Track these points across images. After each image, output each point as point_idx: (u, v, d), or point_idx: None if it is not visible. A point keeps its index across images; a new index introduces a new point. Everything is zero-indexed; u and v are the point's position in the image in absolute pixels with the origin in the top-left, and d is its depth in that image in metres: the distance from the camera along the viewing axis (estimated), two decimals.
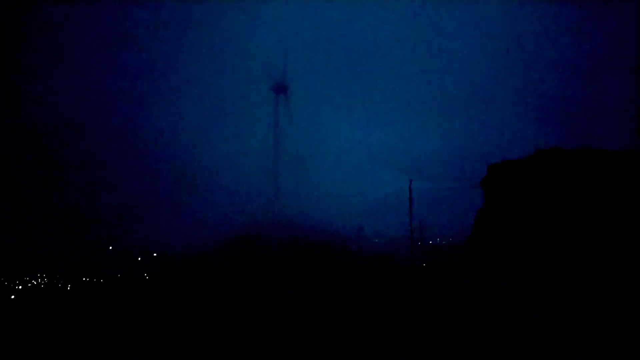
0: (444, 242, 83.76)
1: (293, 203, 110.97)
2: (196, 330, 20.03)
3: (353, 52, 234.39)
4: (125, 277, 50.49)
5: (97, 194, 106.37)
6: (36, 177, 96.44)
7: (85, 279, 53.30)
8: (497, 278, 21.68)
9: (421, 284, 28.10)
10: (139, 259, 67.06)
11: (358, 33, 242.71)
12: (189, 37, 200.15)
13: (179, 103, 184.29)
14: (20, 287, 51.26)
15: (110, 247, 74.65)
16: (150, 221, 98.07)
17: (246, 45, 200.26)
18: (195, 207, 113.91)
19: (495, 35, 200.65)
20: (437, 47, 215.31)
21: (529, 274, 20.29)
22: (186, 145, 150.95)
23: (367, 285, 26.14)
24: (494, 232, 25.05)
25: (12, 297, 43.55)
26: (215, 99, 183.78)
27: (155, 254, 66.93)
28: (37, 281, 54.83)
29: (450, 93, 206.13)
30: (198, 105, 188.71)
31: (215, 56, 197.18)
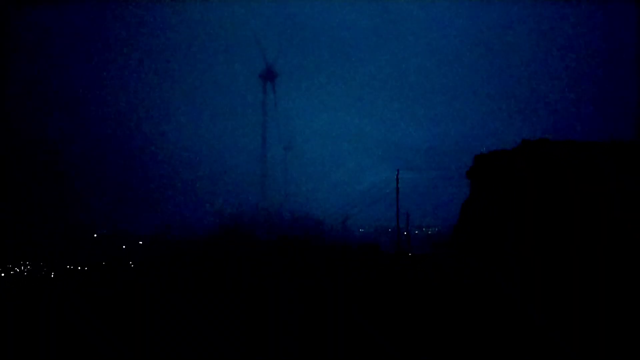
0: (430, 232, 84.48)
1: (279, 191, 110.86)
2: (184, 326, 20.05)
3: (342, 42, 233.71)
4: (111, 265, 50.08)
5: (84, 182, 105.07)
6: (25, 164, 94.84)
7: (70, 266, 52.66)
8: (484, 269, 21.98)
9: (408, 275, 28.38)
10: (124, 246, 66.54)
11: (348, 22, 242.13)
12: (175, 25, 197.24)
13: (165, 91, 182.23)
14: (2, 274, 50.56)
15: (95, 235, 73.92)
16: (136, 208, 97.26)
17: (234, 31, 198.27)
18: (179, 194, 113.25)
19: (484, 27, 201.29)
20: (425, 38, 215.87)
21: (515, 265, 20.61)
22: (172, 133, 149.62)
23: (356, 277, 26.36)
24: (479, 222, 25.37)
25: None
26: (202, 86, 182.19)
27: (141, 242, 66.44)
28: (19, 269, 54.07)
29: (437, 83, 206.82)
30: (184, 92, 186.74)
31: (202, 42, 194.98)
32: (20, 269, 54.23)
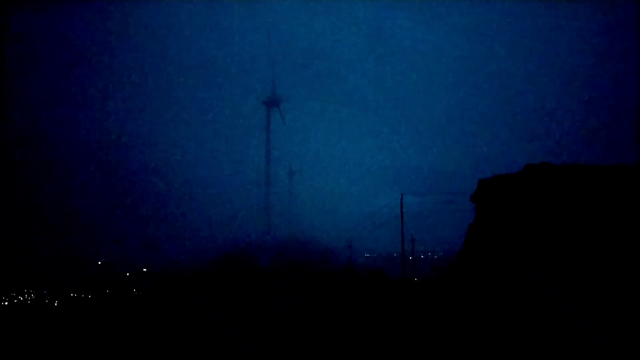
0: (435, 256, 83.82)
1: (284, 216, 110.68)
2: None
3: (345, 68, 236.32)
4: (113, 294, 49.87)
5: (86, 209, 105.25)
6: (24, 190, 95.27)
7: (73, 294, 52.44)
8: (490, 291, 21.82)
9: (415, 297, 28.19)
10: (127, 274, 66.18)
11: (352, 50, 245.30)
12: (182, 53, 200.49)
13: (171, 118, 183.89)
14: (6, 303, 50.36)
15: (99, 262, 73.71)
16: (141, 236, 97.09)
17: (239, 59, 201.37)
18: (185, 221, 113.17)
19: (484, 53, 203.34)
20: (429, 64, 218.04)
21: (522, 286, 20.49)
22: (177, 159, 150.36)
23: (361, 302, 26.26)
24: (485, 246, 25.19)
25: None
26: (208, 113, 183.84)
27: (145, 269, 66.15)
28: (23, 297, 53.89)
29: (441, 108, 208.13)
30: (190, 119, 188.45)
31: (208, 70, 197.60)
32: (24, 297, 54.05)
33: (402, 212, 44.52)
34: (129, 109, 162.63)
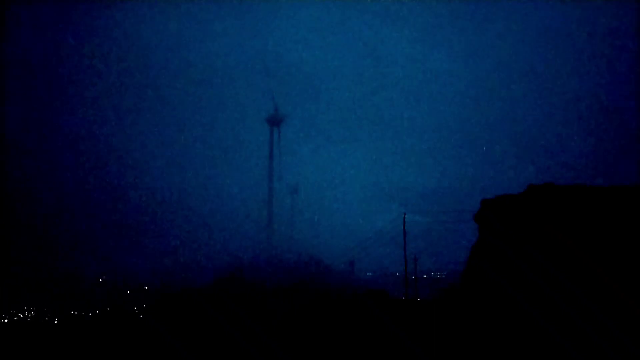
0: (438, 276, 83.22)
1: (287, 235, 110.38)
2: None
3: (349, 88, 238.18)
4: (115, 311, 49.43)
5: (88, 225, 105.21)
6: (27, 208, 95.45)
7: (74, 312, 52.04)
8: (496, 311, 21.64)
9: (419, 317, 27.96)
10: (128, 292, 65.82)
11: (354, 70, 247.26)
12: (185, 70, 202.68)
13: (174, 136, 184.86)
14: (5, 320, 49.99)
15: (101, 280, 73.37)
16: (144, 253, 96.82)
17: (242, 77, 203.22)
18: (186, 239, 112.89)
19: (487, 74, 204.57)
20: (429, 83, 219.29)
21: (525, 306, 20.32)
22: (181, 177, 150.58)
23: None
24: (489, 266, 25.04)
25: None
26: (211, 131, 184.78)
27: (146, 287, 65.75)
28: (23, 314, 53.51)
29: (444, 128, 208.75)
30: (193, 137, 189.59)
31: (211, 87, 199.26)
32: (24, 314, 53.67)
33: (404, 232, 44.28)
34: (133, 125, 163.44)
